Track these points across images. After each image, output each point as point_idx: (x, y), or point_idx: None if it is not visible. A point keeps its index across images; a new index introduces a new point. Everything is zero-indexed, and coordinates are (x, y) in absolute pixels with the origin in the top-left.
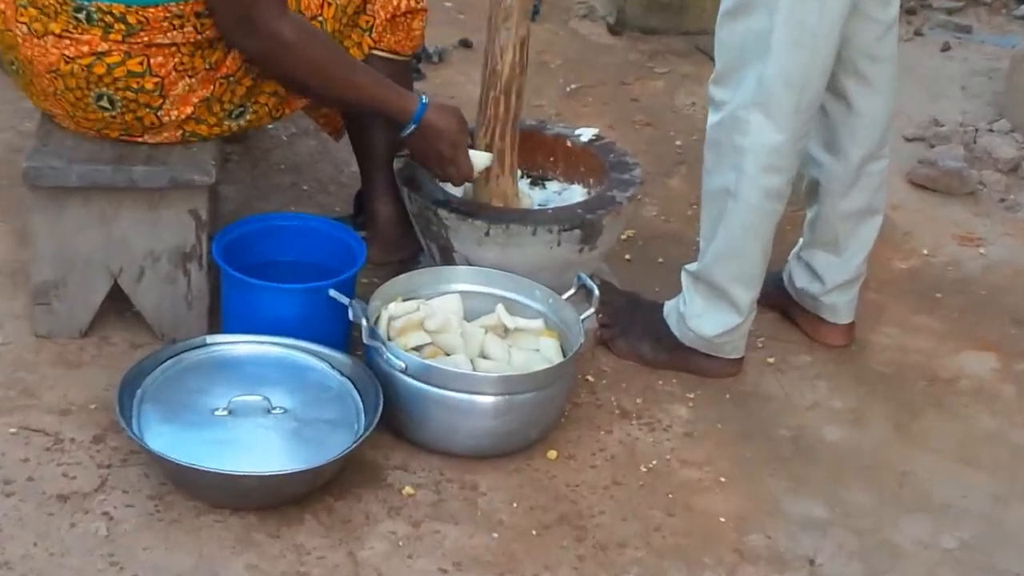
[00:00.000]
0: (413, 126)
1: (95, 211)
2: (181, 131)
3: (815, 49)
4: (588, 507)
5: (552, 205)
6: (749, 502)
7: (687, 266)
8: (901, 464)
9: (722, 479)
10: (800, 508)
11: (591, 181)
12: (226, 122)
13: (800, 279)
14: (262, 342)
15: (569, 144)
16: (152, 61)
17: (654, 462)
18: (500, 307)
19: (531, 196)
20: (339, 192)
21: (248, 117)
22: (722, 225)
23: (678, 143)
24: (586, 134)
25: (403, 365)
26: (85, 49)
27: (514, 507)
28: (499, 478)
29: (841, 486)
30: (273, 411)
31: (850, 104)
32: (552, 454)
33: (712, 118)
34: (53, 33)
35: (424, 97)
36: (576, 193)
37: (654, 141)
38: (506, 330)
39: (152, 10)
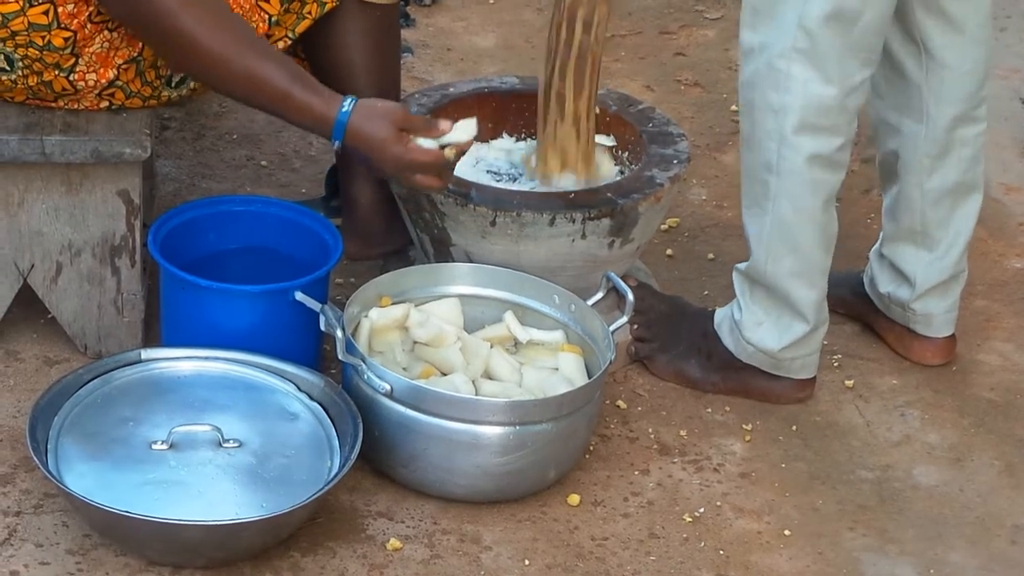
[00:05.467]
0: (336, 141)
1: None
2: (107, 103)
3: None
4: (618, 566)
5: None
6: (820, 563)
7: (738, 265)
8: (1013, 516)
9: (786, 532)
10: (885, 571)
11: (624, 157)
12: (164, 92)
13: (884, 282)
14: (211, 358)
15: (596, 109)
16: (60, 10)
17: (701, 510)
18: (509, 315)
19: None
20: (307, 169)
21: (191, 84)
22: (769, 210)
23: (734, 108)
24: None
25: (388, 387)
26: None
27: (526, 565)
28: (508, 529)
29: (937, 543)
30: (225, 444)
31: (931, 53)
32: (574, 499)
33: (743, 72)
34: None
35: (347, 101)
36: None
37: (704, 106)
38: (516, 344)
39: None
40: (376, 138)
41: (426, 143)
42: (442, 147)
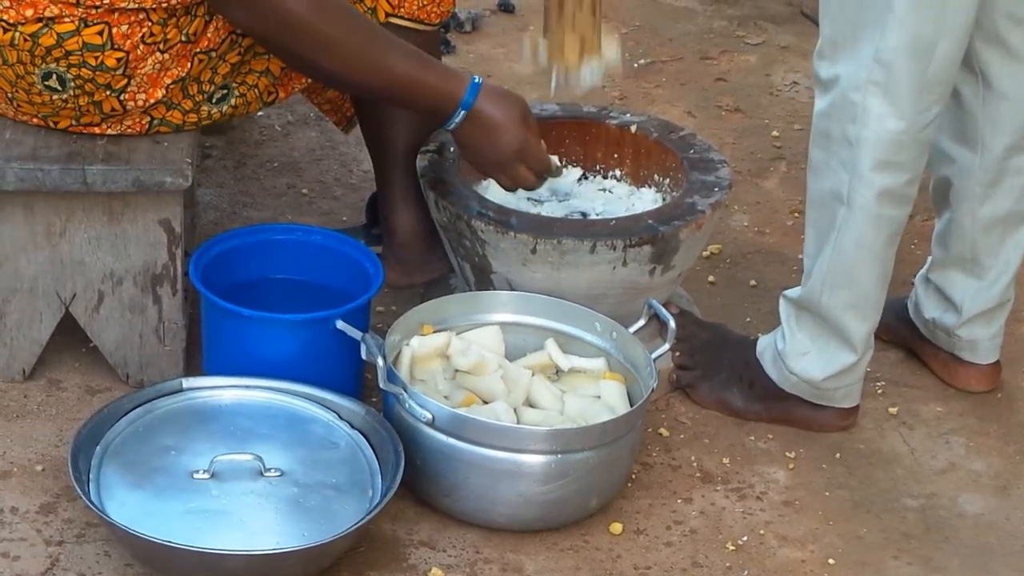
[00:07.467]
0: (462, 112)
1: (40, 222)
2: (148, 119)
3: (946, 5)
4: None
5: (616, 214)
6: None
7: (787, 292)
8: None
9: (831, 561)
10: None
11: (666, 184)
12: (204, 107)
13: (930, 308)
14: (252, 387)
15: (637, 136)
16: (114, 31)
17: (745, 538)
18: (551, 343)
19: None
20: (348, 197)
21: (232, 102)
22: (832, 240)
23: (775, 134)
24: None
25: (430, 416)
26: (29, 13)
27: None
28: (550, 558)
29: (983, 572)
30: (266, 474)
31: (989, 82)
32: (616, 528)
33: (819, 103)
34: None
35: (477, 77)
36: (647, 199)
37: (745, 132)
38: (558, 371)
39: None
40: (504, 117)
41: None
42: None
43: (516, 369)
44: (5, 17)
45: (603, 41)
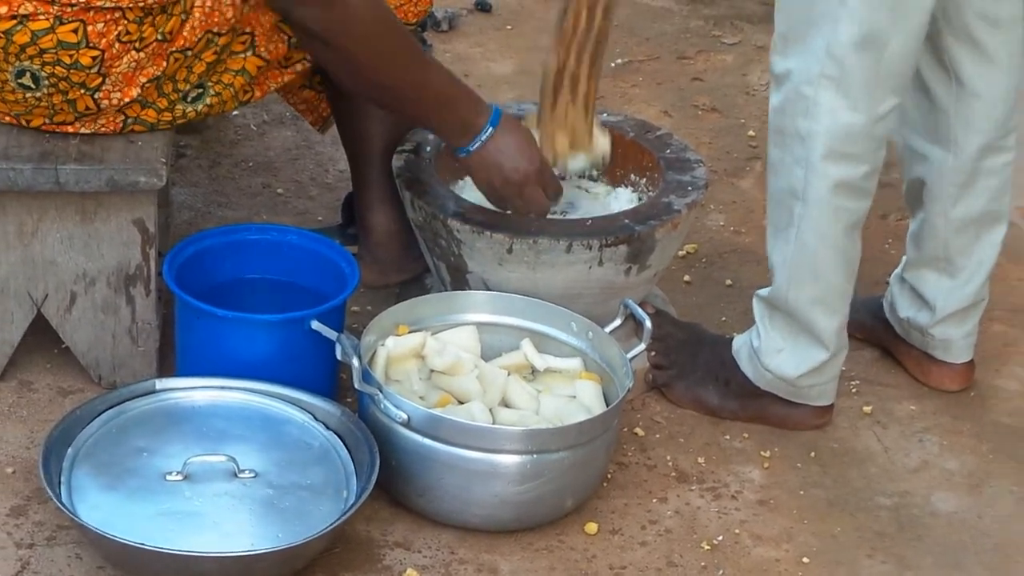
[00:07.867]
0: (490, 129)
1: (11, 222)
2: (123, 117)
3: (900, 0)
4: None
5: (592, 214)
6: None
7: (759, 291)
8: None
9: (804, 560)
10: None
11: (642, 183)
12: (179, 106)
13: (904, 307)
14: (226, 388)
15: (614, 136)
16: (89, 29)
17: (720, 538)
18: (526, 342)
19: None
20: (323, 197)
21: (208, 101)
22: (793, 236)
23: (751, 134)
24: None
25: (405, 416)
26: (3, 10)
27: None
28: (525, 558)
29: (956, 571)
30: (240, 475)
31: (961, 81)
32: (591, 528)
33: (773, 99)
34: None
35: (495, 106)
36: (623, 198)
37: (721, 131)
38: (534, 371)
39: None
40: (523, 139)
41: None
42: None
43: (492, 369)
44: None
45: (595, 135)
